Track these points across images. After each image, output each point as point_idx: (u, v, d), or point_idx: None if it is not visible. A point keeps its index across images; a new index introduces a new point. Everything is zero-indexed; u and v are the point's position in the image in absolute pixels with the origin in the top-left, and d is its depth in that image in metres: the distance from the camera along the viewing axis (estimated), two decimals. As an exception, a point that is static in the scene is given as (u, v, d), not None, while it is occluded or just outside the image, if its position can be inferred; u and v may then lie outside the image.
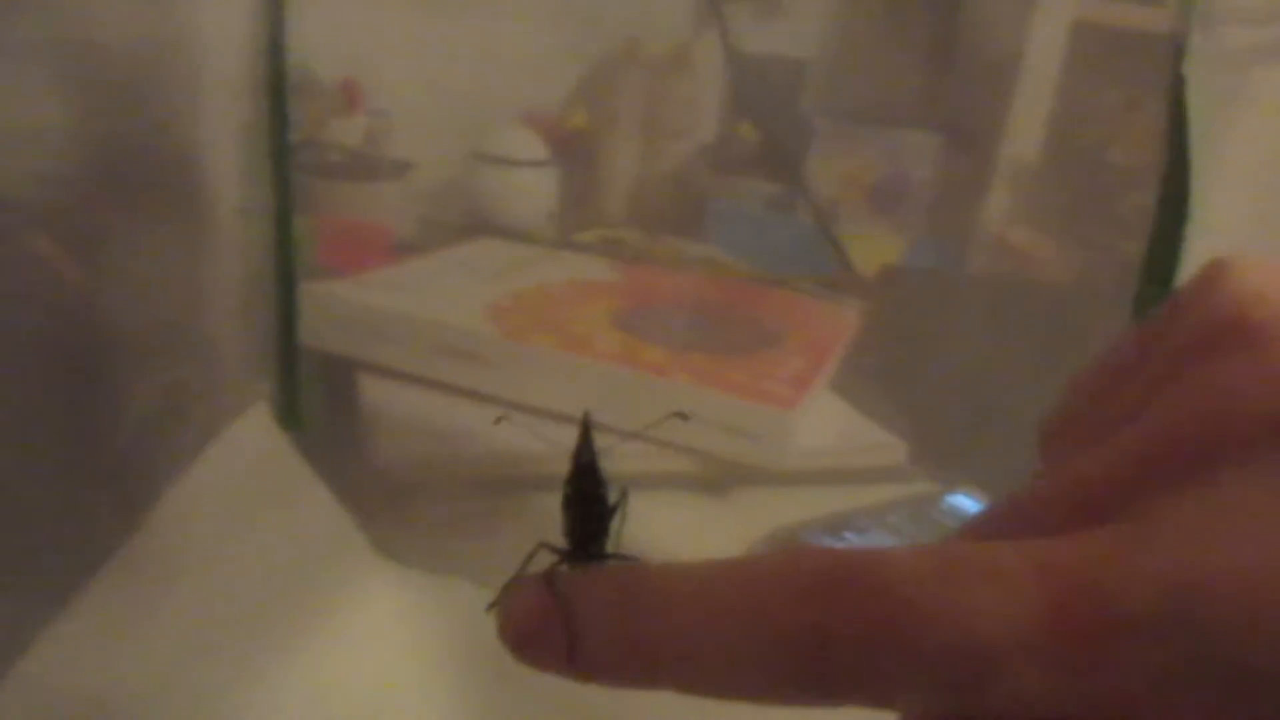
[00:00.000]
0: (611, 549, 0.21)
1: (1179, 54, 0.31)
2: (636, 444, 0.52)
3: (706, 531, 0.50)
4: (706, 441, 0.51)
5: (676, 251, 0.85)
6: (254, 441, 0.39)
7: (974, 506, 0.53)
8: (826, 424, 0.57)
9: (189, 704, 0.33)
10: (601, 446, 0.23)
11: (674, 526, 0.51)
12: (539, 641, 0.18)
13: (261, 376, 0.47)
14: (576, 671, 0.18)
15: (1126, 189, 0.76)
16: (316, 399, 0.51)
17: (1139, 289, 0.38)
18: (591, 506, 0.21)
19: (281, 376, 0.45)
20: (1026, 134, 0.82)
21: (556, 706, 0.36)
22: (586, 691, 0.39)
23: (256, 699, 0.34)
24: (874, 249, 0.80)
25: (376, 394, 0.54)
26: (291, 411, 0.45)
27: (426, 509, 0.47)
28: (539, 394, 0.53)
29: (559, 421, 0.53)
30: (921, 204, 0.86)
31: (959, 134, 0.86)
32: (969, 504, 0.53)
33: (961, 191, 0.85)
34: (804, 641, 0.16)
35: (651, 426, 0.24)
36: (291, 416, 0.45)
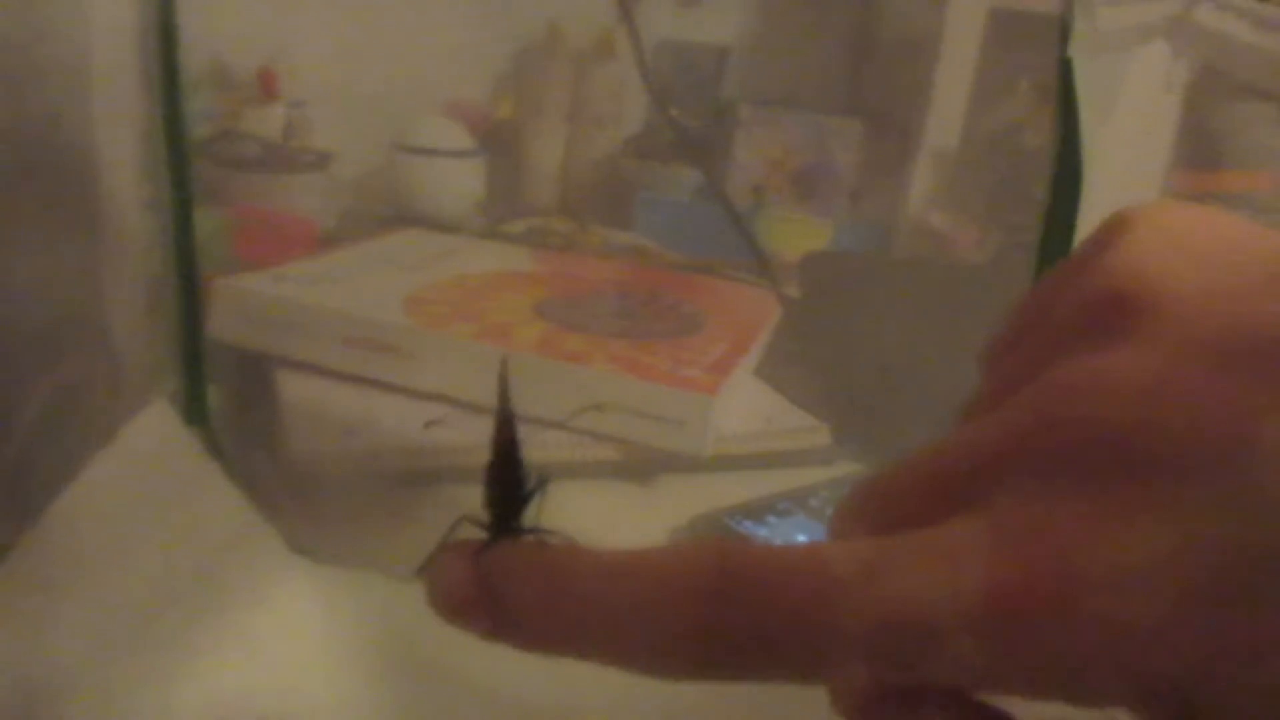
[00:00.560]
0: (531, 525, 0.21)
1: (1065, 37, 0.31)
2: (558, 433, 0.52)
3: (629, 519, 0.50)
4: (628, 429, 0.51)
5: (604, 240, 0.85)
6: (156, 437, 0.38)
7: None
8: (749, 409, 0.57)
9: (91, 707, 0.32)
10: (521, 434, 0.23)
11: (597, 515, 0.51)
12: (466, 611, 0.19)
13: (167, 373, 0.45)
14: (502, 639, 0.19)
15: (1042, 172, 0.77)
16: (229, 394, 0.50)
17: (1037, 268, 0.39)
18: (513, 472, 0.22)
19: (186, 372, 0.44)
20: (946, 119, 0.83)
21: (471, 701, 0.35)
22: (501, 684, 0.39)
23: (162, 701, 0.33)
24: (798, 234, 0.80)
25: (292, 388, 0.53)
26: (197, 407, 0.44)
27: (341, 503, 0.46)
28: (457, 385, 0.53)
29: (478, 413, 0.53)
30: (845, 189, 0.87)
31: (880, 119, 0.87)
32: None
33: (884, 176, 0.86)
34: (711, 629, 0.17)
35: (570, 417, 0.24)
36: (197, 412, 0.44)
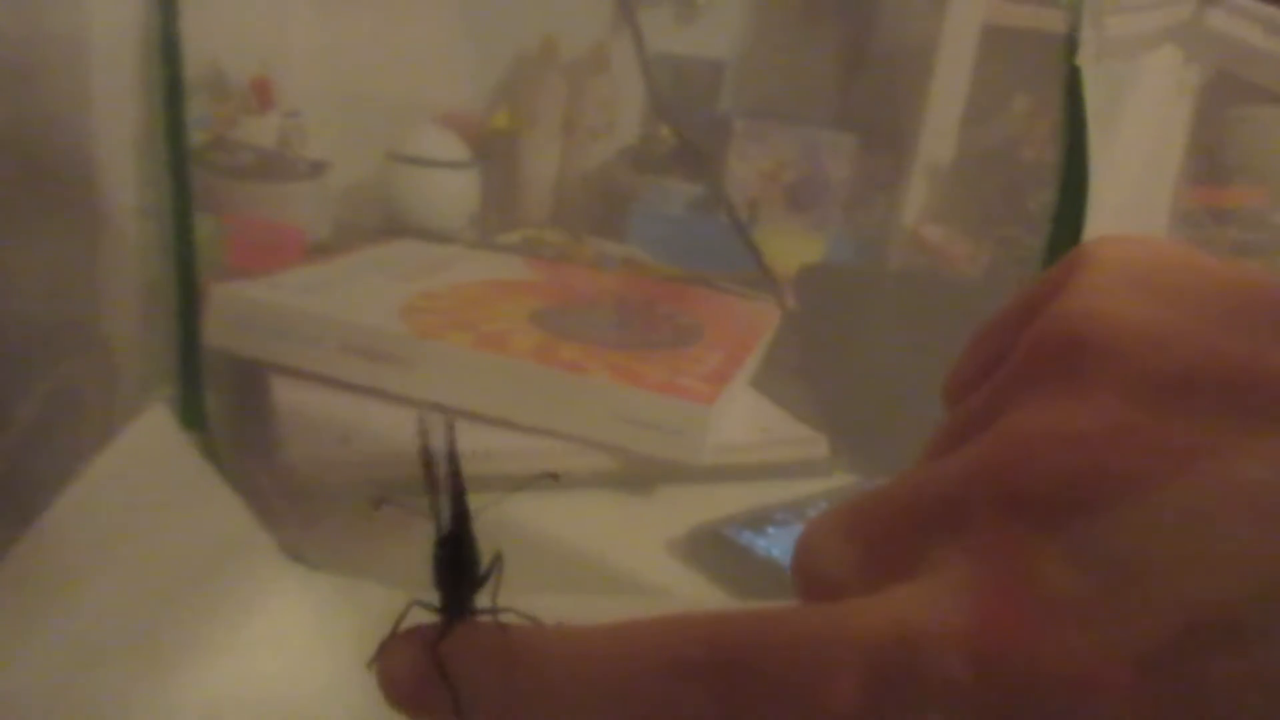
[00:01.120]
0: (488, 604, 0.20)
1: (1073, 47, 0.32)
2: (555, 443, 0.51)
3: (628, 529, 0.50)
4: (626, 438, 0.51)
5: (598, 252, 0.85)
6: (154, 442, 0.38)
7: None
8: (747, 419, 0.57)
9: (83, 712, 0.32)
10: (477, 450, 0.22)
11: (596, 525, 0.51)
12: (422, 705, 0.18)
13: (164, 378, 0.45)
14: None
15: (1036, 187, 0.78)
16: (225, 401, 0.50)
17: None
18: (466, 550, 0.21)
19: (184, 378, 0.44)
20: (940, 134, 0.83)
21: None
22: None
23: (157, 707, 0.33)
24: (793, 247, 0.81)
25: (288, 395, 0.53)
26: (194, 413, 0.44)
27: (334, 511, 0.46)
28: (454, 394, 0.52)
29: (475, 422, 0.52)
30: (839, 203, 0.87)
31: (875, 134, 0.87)
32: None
33: (878, 190, 0.86)
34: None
35: (525, 485, 0.23)
36: (194, 418, 0.43)
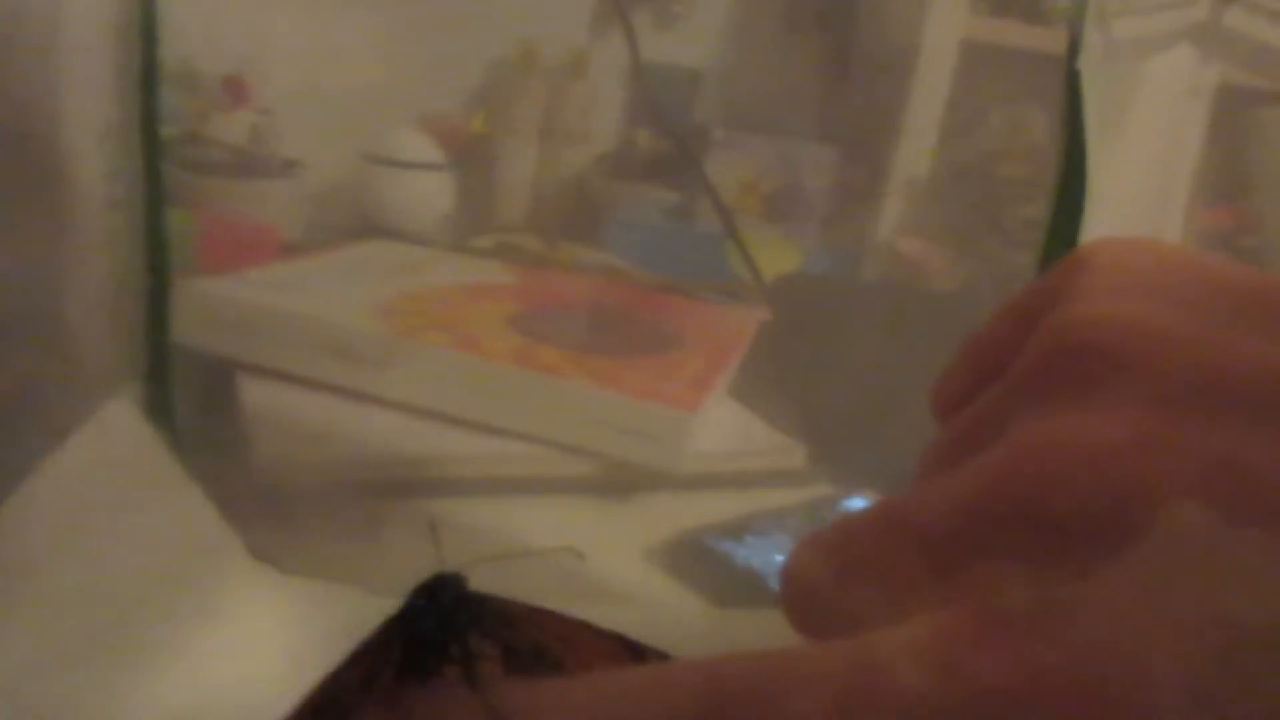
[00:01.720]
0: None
1: (1074, 50, 0.31)
2: (531, 447, 0.51)
3: (606, 536, 0.49)
4: (604, 443, 0.50)
5: (574, 259, 0.84)
6: (119, 434, 0.37)
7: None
8: (725, 428, 0.57)
9: (36, 715, 0.30)
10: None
11: (573, 531, 0.50)
12: None
13: (129, 374, 0.44)
14: None
15: (1014, 203, 0.78)
16: (191, 400, 0.48)
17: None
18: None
19: (151, 373, 0.43)
20: (918, 148, 0.84)
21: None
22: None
23: (111, 711, 0.31)
24: (770, 257, 0.80)
25: (257, 395, 0.52)
26: (162, 408, 0.42)
27: (308, 513, 0.45)
28: (430, 395, 0.51)
29: (449, 425, 0.51)
30: (816, 214, 0.87)
31: (853, 146, 0.87)
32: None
33: (855, 202, 0.86)
34: None
35: (480, 561, 0.21)
36: (162, 413, 0.42)
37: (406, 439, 0.50)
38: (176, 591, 0.35)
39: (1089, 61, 0.29)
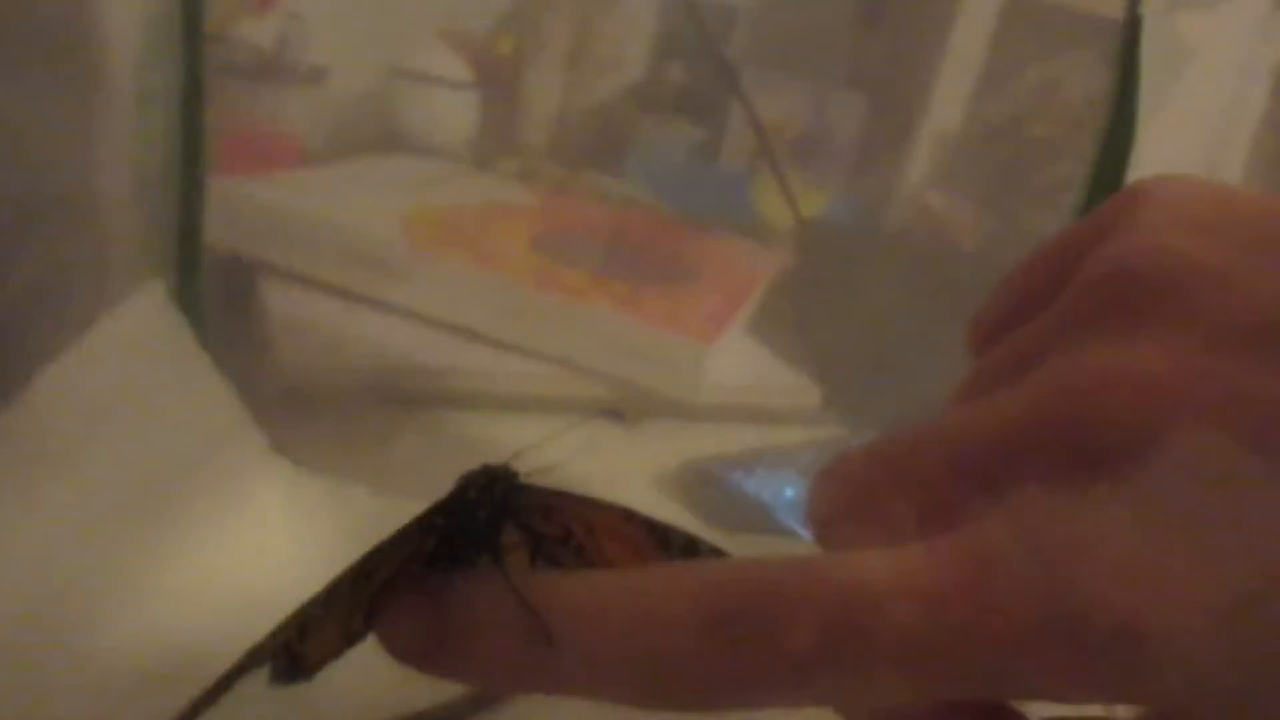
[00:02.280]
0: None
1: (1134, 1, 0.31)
2: (549, 367, 0.51)
3: (618, 461, 0.49)
4: (622, 368, 0.51)
5: (596, 188, 0.84)
6: (149, 322, 0.37)
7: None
8: (741, 363, 0.57)
9: (61, 590, 0.31)
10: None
11: (585, 453, 0.50)
12: (431, 662, 0.18)
13: (160, 268, 0.44)
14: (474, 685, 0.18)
15: (1043, 163, 0.77)
16: (215, 298, 0.48)
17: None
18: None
19: (182, 269, 0.43)
20: (951, 102, 0.83)
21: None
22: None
23: (134, 589, 0.32)
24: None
25: (278, 297, 0.52)
26: (190, 301, 0.42)
27: (324, 414, 0.45)
28: (450, 309, 0.51)
29: (468, 339, 0.52)
30: (842, 161, 0.87)
31: (885, 95, 0.86)
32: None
33: (882, 151, 0.85)
34: (694, 666, 0.16)
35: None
36: (190, 305, 0.42)
37: (424, 350, 0.50)
38: (198, 475, 0.36)
39: (1151, 10, 0.29)
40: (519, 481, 0.19)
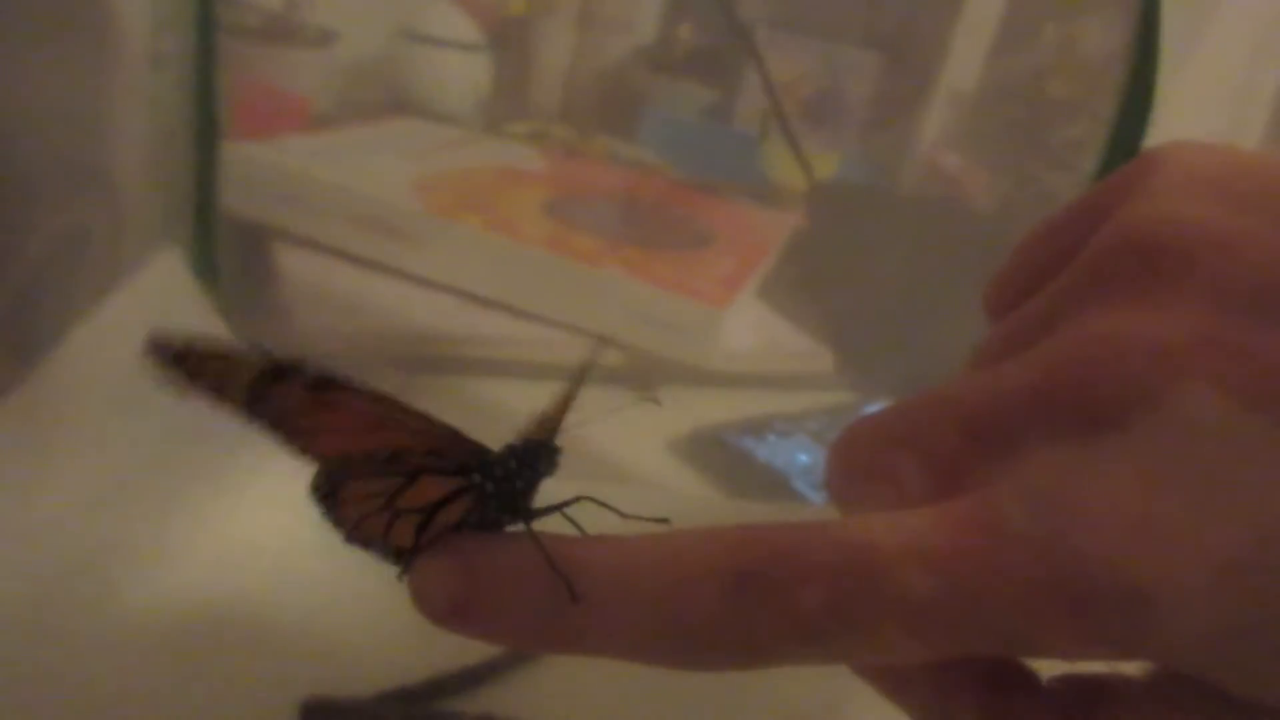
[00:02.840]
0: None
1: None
2: (561, 333, 0.51)
3: (630, 425, 0.49)
4: (635, 334, 0.51)
5: (607, 151, 0.83)
6: (166, 288, 0.37)
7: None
8: (753, 328, 0.57)
9: (80, 556, 0.31)
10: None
11: (599, 422, 0.50)
12: (463, 621, 0.18)
13: (171, 232, 0.44)
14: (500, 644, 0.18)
15: (1059, 123, 0.76)
16: (230, 263, 0.48)
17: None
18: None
19: (198, 231, 0.43)
20: (966, 60, 0.82)
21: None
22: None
23: (152, 555, 0.32)
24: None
25: (291, 263, 0.52)
26: (206, 267, 0.43)
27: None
28: (463, 275, 0.51)
29: (481, 305, 0.52)
30: (855, 121, 0.86)
31: (898, 54, 0.85)
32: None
33: (896, 113, 0.84)
34: (715, 625, 0.16)
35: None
36: (206, 271, 0.42)
37: (438, 317, 0.50)
38: (215, 444, 0.36)
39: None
40: (558, 460, 0.19)
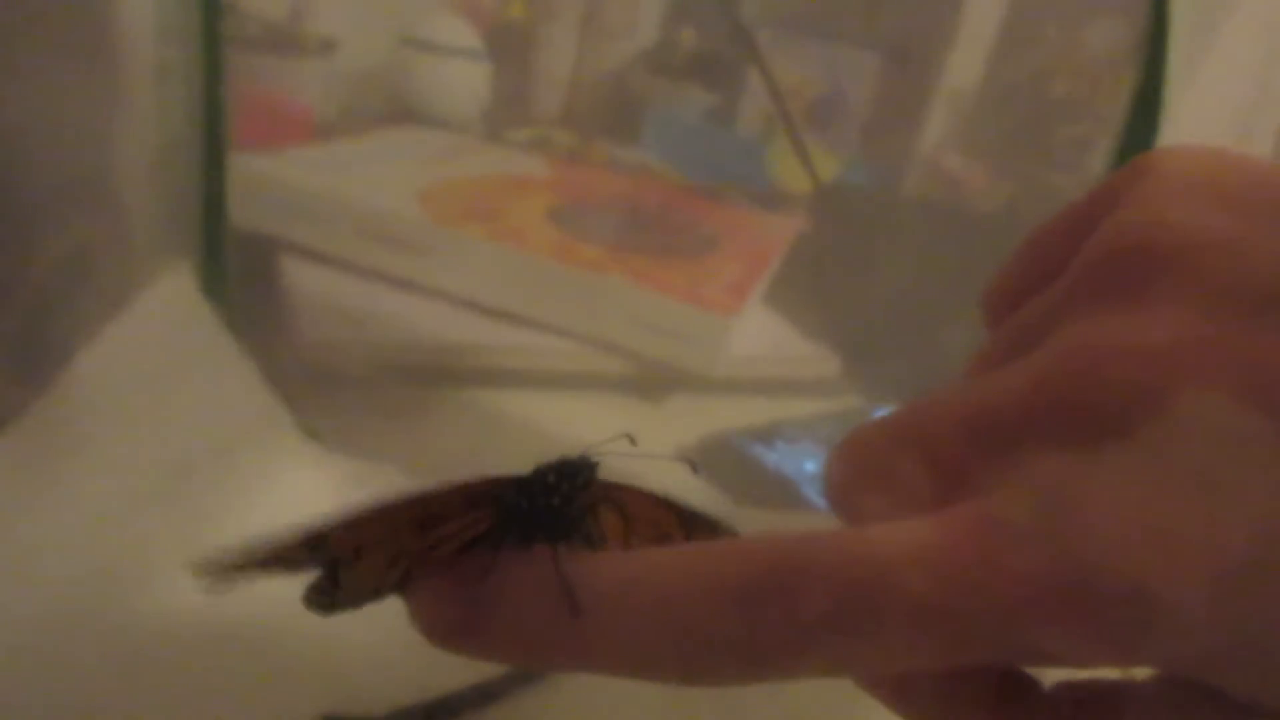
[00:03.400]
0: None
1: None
2: (569, 343, 0.51)
3: (640, 434, 0.49)
4: (642, 343, 0.51)
5: (609, 156, 0.83)
6: (175, 307, 0.37)
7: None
8: (760, 334, 0.57)
9: (93, 578, 0.32)
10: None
11: (607, 428, 0.50)
12: (466, 645, 0.18)
13: (180, 246, 0.44)
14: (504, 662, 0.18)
15: (1062, 123, 0.76)
16: (238, 276, 0.49)
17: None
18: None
19: (206, 246, 0.43)
20: (969, 61, 0.82)
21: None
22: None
23: (166, 568, 0.32)
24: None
25: (297, 274, 0.52)
26: (215, 282, 0.43)
27: (350, 394, 0.45)
28: (470, 285, 0.52)
29: (487, 315, 0.52)
30: (857, 123, 0.86)
31: (900, 56, 0.85)
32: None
33: (898, 114, 0.84)
34: (717, 641, 0.16)
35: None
36: (215, 287, 0.42)
37: (446, 328, 0.50)
38: (228, 460, 0.36)
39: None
40: (596, 476, 0.19)
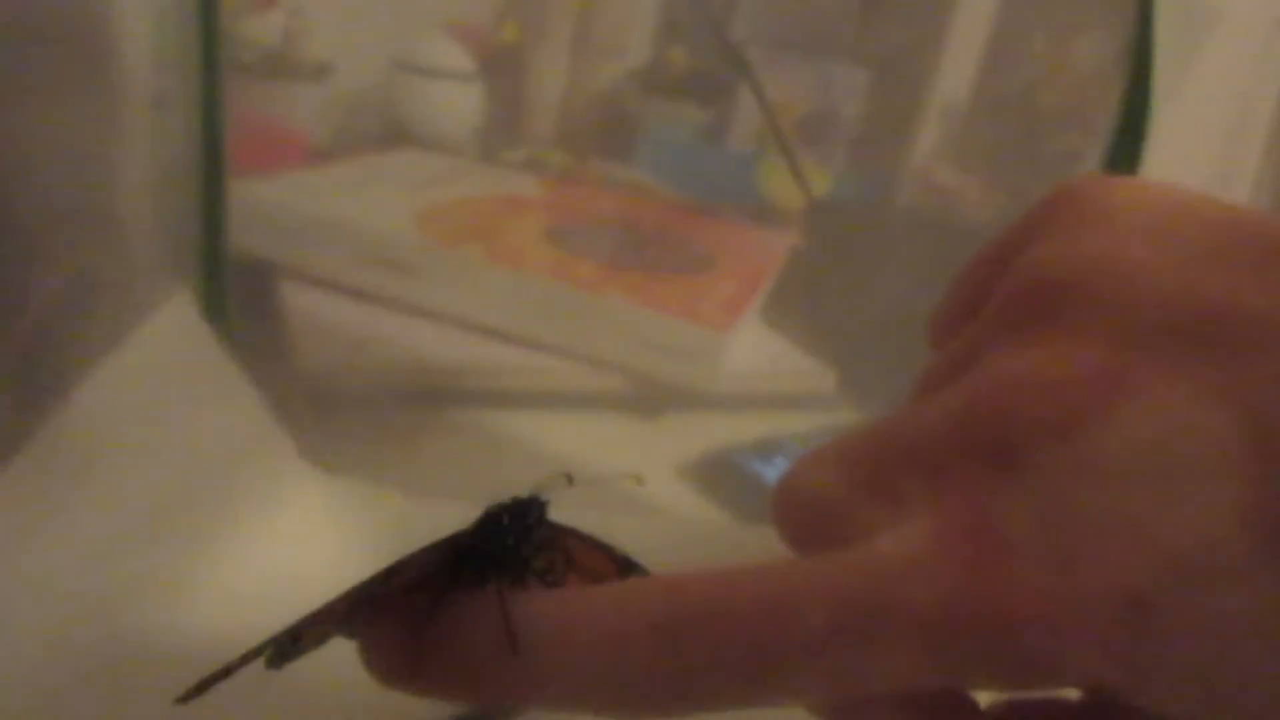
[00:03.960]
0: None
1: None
2: (569, 361, 0.51)
3: (638, 451, 0.50)
4: (640, 360, 0.51)
5: (604, 175, 0.84)
6: (177, 333, 0.37)
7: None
8: (756, 349, 0.57)
9: (99, 605, 0.32)
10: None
11: (604, 447, 0.51)
12: (414, 685, 0.19)
13: (181, 273, 0.44)
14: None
15: (1053, 134, 0.77)
16: (238, 300, 0.49)
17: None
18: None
19: (207, 271, 0.43)
20: (958, 74, 0.82)
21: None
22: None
23: (170, 595, 0.33)
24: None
25: (296, 299, 0.52)
26: (216, 307, 0.43)
27: (352, 417, 0.46)
28: (468, 305, 0.52)
29: (486, 336, 0.52)
30: (849, 138, 0.86)
31: (890, 70, 0.86)
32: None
33: (889, 129, 0.85)
34: (648, 672, 0.17)
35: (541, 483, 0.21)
36: (216, 312, 0.43)
37: (445, 349, 0.51)
38: (231, 486, 0.36)
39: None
40: (546, 515, 0.19)
